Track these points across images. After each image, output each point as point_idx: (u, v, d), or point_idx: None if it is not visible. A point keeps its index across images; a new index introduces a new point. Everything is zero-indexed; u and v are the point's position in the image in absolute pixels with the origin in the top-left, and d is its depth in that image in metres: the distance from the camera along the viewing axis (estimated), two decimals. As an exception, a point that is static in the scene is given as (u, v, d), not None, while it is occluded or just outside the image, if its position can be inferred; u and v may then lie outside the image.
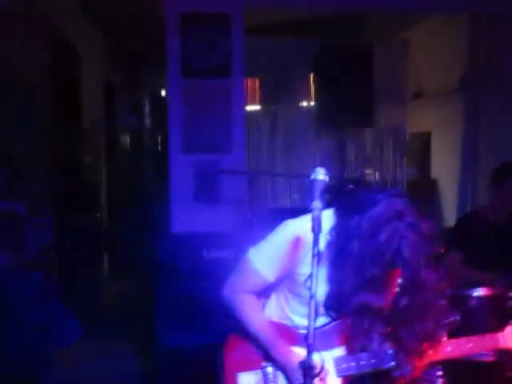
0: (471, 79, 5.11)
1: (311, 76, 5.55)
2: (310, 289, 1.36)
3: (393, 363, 1.82)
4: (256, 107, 5.82)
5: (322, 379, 1.81)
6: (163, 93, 8.38)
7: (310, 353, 1.34)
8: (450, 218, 5.19)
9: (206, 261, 3.57)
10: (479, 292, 2.57)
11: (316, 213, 1.36)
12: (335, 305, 1.76)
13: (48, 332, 3.40)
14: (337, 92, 4.93)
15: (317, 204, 1.38)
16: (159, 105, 8.01)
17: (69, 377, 3.92)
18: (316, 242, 1.33)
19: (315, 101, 5.49)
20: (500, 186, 3.41)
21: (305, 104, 5.82)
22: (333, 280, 1.71)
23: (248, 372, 1.91)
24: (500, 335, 1.81)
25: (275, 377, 1.89)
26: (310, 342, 1.34)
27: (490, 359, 2.51)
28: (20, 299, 3.21)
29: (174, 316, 3.58)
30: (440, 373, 2.58)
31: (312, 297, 1.36)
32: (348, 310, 1.68)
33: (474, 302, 2.55)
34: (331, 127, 5.00)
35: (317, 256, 1.34)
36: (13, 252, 3.19)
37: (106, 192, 6.36)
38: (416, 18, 5.69)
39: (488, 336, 1.82)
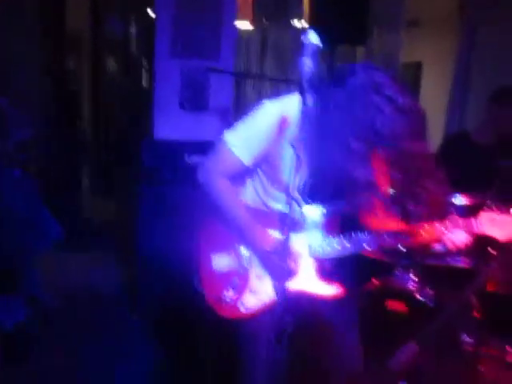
0: (470, 5, 4.97)
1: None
2: (294, 164, 1.31)
3: (367, 247, 1.83)
4: (247, 26, 5.63)
5: (295, 260, 1.81)
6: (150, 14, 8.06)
7: (286, 235, 1.29)
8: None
9: (187, 165, 3.52)
10: (459, 200, 2.57)
11: (306, 68, 1.30)
12: (315, 188, 1.74)
13: (30, 229, 3.37)
14: (331, 11, 4.75)
15: (307, 62, 1.32)
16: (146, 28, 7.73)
17: (54, 285, 3.95)
18: (304, 100, 1.28)
19: (309, 19, 5.31)
20: (500, 106, 3.35)
21: (297, 23, 5.63)
22: (320, 160, 1.67)
23: (222, 254, 1.92)
24: (473, 220, 1.80)
25: (249, 258, 1.90)
26: (288, 223, 1.30)
27: (465, 265, 2.58)
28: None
29: (155, 221, 3.58)
30: (413, 277, 2.65)
31: (292, 175, 1.30)
32: (332, 189, 1.65)
33: (453, 210, 2.55)
34: (323, 46, 4.85)
35: (305, 115, 1.28)
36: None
37: (89, 103, 6.22)
38: None
39: (461, 220, 1.81)
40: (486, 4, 4.79)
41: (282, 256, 1.23)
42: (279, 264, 1.23)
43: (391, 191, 1.69)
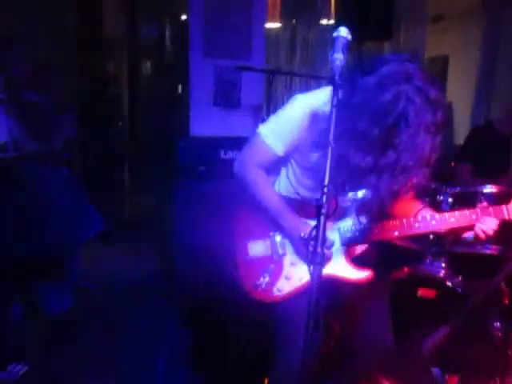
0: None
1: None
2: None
3: (396, 233, 1.80)
4: (276, 24, 5.61)
5: (327, 247, 1.80)
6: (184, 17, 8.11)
7: (319, 221, 1.27)
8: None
9: (222, 160, 3.53)
10: (488, 189, 2.52)
11: (338, 62, 1.29)
12: (343, 176, 1.70)
13: (76, 221, 3.44)
14: (357, 8, 4.70)
15: (339, 56, 1.31)
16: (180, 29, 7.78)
17: (96, 275, 4.04)
18: (336, 92, 1.26)
19: (335, 18, 5.26)
20: None
21: (325, 22, 5.59)
22: (343, 147, 1.62)
23: (257, 241, 1.93)
24: (504, 208, 1.77)
25: (283, 245, 1.90)
26: (324, 210, 1.28)
27: (494, 252, 2.53)
28: (47, 186, 3.23)
29: (191, 214, 3.60)
30: (443, 265, 2.61)
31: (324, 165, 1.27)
32: (372, 173, 1.61)
33: (482, 199, 2.50)
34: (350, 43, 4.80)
35: (335, 108, 1.27)
36: (38, 138, 3.18)
37: (128, 102, 6.31)
38: None
39: (492, 208, 1.77)
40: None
41: (315, 242, 1.22)
42: (313, 250, 1.22)
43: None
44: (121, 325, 3.38)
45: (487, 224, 1.76)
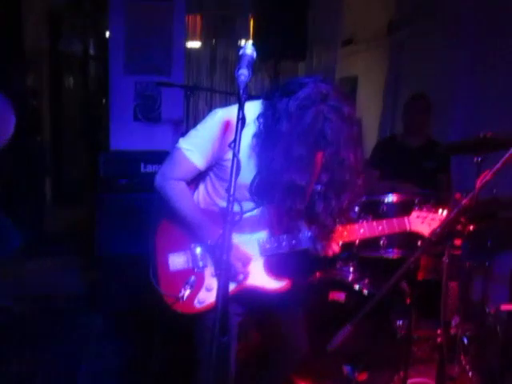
0: (397, 24, 5.14)
1: (250, 15, 5.41)
2: (232, 164, 1.29)
3: (310, 244, 1.85)
4: (197, 43, 5.63)
5: (244, 264, 1.82)
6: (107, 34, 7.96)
7: (225, 229, 1.27)
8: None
9: (143, 174, 3.48)
10: (390, 198, 2.63)
11: (242, 77, 1.31)
12: (262, 189, 1.75)
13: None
14: (274, 30, 4.82)
15: (243, 71, 1.32)
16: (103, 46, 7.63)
17: (13, 289, 3.82)
18: (241, 106, 1.28)
19: (253, 39, 5.36)
20: (405, 109, 3.57)
21: (243, 42, 5.68)
22: (262, 163, 1.68)
23: (178, 253, 1.90)
24: (406, 219, 1.87)
25: (204, 256, 1.88)
26: (227, 219, 1.28)
27: (396, 256, 2.64)
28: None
29: (113, 226, 3.51)
30: (352, 269, 2.69)
31: (232, 172, 1.29)
32: (275, 190, 1.67)
33: (384, 207, 2.61)
34: (267, 61, 4.90)
35: (241, 121, 1.29)
36: None
37: (49, 116, 6.07)
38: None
39: (395, 220, 1.87)
40: (410, 22, 4.96)
41: (223, 249, 1.22)
42: (221, 257, 1.22)
43: (318, 187, 1.72)
44: (44, 339, 3.22)
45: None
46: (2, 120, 2.91)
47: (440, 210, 1.88)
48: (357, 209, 2.63)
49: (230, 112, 1.73)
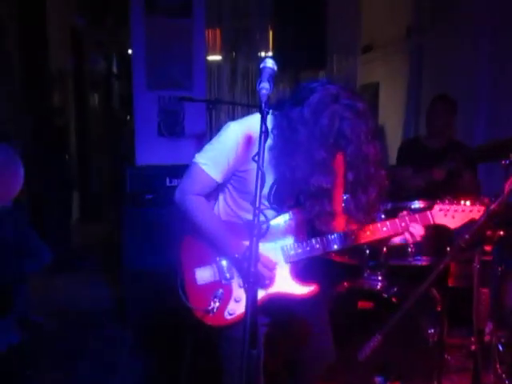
0: (416, 28, 5.12)
1: (269, 27, 5.44)
2: (257, 173, 1.30)
3: (335, 246, 1.84)
4: (217, 57, 5.67)
5: (270, 269, 1.82)
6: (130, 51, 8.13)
7: (252, 241, 1.28)
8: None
9: (168, 188, 3.51)
10: (416, 204, 2.61)
11: (264, 91, 1.32)
12: (282, 197, 1.75)
13: (21, 256, 3.32)
14: (293, 40, 4.86)
15: (265, 85, 1.34)
16: (126, 62, 7.79)
17: (42, 305, 3.89)
18: (264, 119, 1.29)
19: (273, 50, 5.39)
20: (428, 110, 3.53)
21: (263, 54, 5.71)
22: (284, 173, 1.69)
23: (204, 267, 1.91)
24: (428, 213, 1.86)
25: (230, 268, 1.89)
26: (254, 230, 1.28)
27: (424, 263, 2.61)
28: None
29: (139, 241, 3.54)
30: (380, 277, 2.67)
31: (258, 179, 1.30)
32: (303, 197, 1.68)
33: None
34: (287, 73, 4.94)
35: (264, 134, 1.30)
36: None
37: (75, 133, 6.20)
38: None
39: (418, 215, 1.86)
40: (428, 25, 4.93)
41: (250, 261, 1.22)
42: (248, 269, 1.22)
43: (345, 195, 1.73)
44: (75, 354, 3.26)
45: (415, 229, 1.83)
46: (12, 174, 3.00)
47: (462, 201, 1.85)
48: (383, 217, 2.61)
49: (245, 124, 1.75)
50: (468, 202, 1.85)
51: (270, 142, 1.69)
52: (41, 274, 3.69)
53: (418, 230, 1.83)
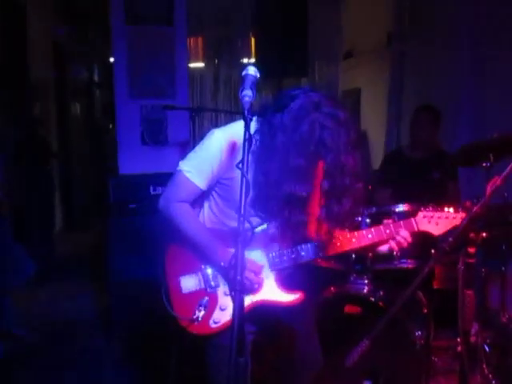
0: (396, 35, 5.17)
1: (251, 34, 5.46)
2: (241, 180, 1.29)
3: (319, 254, 1.84)
4: (199, 64, 5.68)
5: (256, 274, 1.81)
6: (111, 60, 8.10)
7: (237, 249, 1.27)
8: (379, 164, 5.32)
9: (152, 196, 3.49)
10: (401, 208, 2.62)
11: (247, 98, 1.32)
12: (262, 203, 1.74)
13: (4, 269, 3.27)
14: (275, 48, 4.87)
15: (248, 92, 1.34)
16: (108, 70, 7.76)
17: (26, 317, 3.83)
18: (247, 127, 1.29)
19: (255, 57, 5.40)
20: (411, 121, 3.54)
21: (245, 61, 5.73)
22: (259, 177, 1.68)
23: (189, 275, 1.89)
24: (412, 220, 1.87)
25: (215, 276, 1.87)
26: (239, 238, 1.28)
27: (410, 266, 2.62)
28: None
29: (124, 250, 3.51)
30: (366, 281, 2.67)
31: (243, 186, 1.29)
32: (274, 203, 1.67)
33: (395, 218, 2.59)
34: (270, 80, 4.95)
35: (248, 141, 1.29)
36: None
37: (57, 143, 6.15)
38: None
39: (402, 222, 1.87)
40: (409, 33, 4.99)
41: (236, 269, 1.21)
42: (235, 277, 1.21)
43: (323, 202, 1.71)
44: (58, 367, 3.20)
45: (402, 235, 1.84)
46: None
47: (446, 208, 1.87)
48: (368, 220, 2.63)
49: (229, 132, 1.75)
50: (451, 209, 1.87)
51: (253, 147, 1.68)
52: (24, 286, 3.64)
53: (405, 237, 1.84)
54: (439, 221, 1.86)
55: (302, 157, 1.58)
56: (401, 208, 2.62)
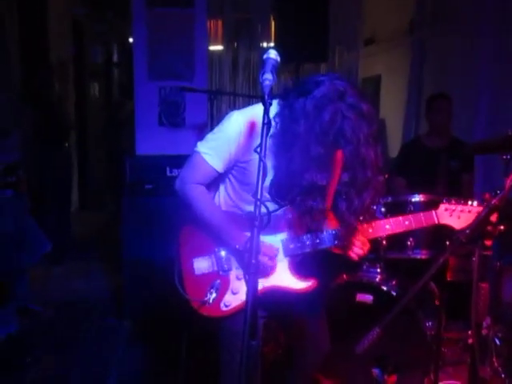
0: (419, 23, 5.09)
1: (271, 17, 5.40)
2: (259, 167, 1.28)
3: (335, 242, 1.83)
4: (218, 47, 5.65)
5: (271, 258, 1.81)
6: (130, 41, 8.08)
7: (253, 233, 1.27)
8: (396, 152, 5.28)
9: (168, 178, 3.50)
10: (417, 198, 2.60)
11: (267, 82, 1.31)
12: (281, 190, 1.73)
13: (21, 245, 3.32)
14: (295, 32, 4.82)
15: (268, 76, 1.33)
16: (126, 51, 7.75)
17: (42, 294, 3.89)
18: (266, 111, 1.28)
19: (275, 41, 5.36)
20: (428, 108, 3.52)
21: (265, 45, 5.68)
22: (281, 163, 1.66)
23: (202, 257, 1.90)
24: (433, 212, 1.84)
25: (228, 260, 1.88)
26: (255, 222, 1.28)
27: (424, 257, 2.61)
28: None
29: (139, 230, 3.54)
30: (379, 270, 2.67)
31: (260, 171, 1.28)
32: (296, 191, 1.66)
33: (411, 207, 2.58)
34: (289, 64, 4.90)
35: (266, 126, 1.29)
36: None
37: (76, 124, 6.19)
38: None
39: (422, 214, 1.85)
40: (431, 20, 4.91)
41: (251, 253, 1.22)
42: (249, 261, 1.22)
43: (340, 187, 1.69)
44: (72, 344, 3.26)
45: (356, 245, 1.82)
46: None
47: (469, 202, 1.83)
48: (383, 209, 2.61)
49: (248, 114, 1.73)
50: (475, 203, 1.82)
51: (272, 129, 1.67)
52: (40, 263, 3.70)
53: (361, 246, 1.82)
54: (461, 214, 1.82)
55: (321, 145, 1.56)
56: (417, 198, 2.60)
